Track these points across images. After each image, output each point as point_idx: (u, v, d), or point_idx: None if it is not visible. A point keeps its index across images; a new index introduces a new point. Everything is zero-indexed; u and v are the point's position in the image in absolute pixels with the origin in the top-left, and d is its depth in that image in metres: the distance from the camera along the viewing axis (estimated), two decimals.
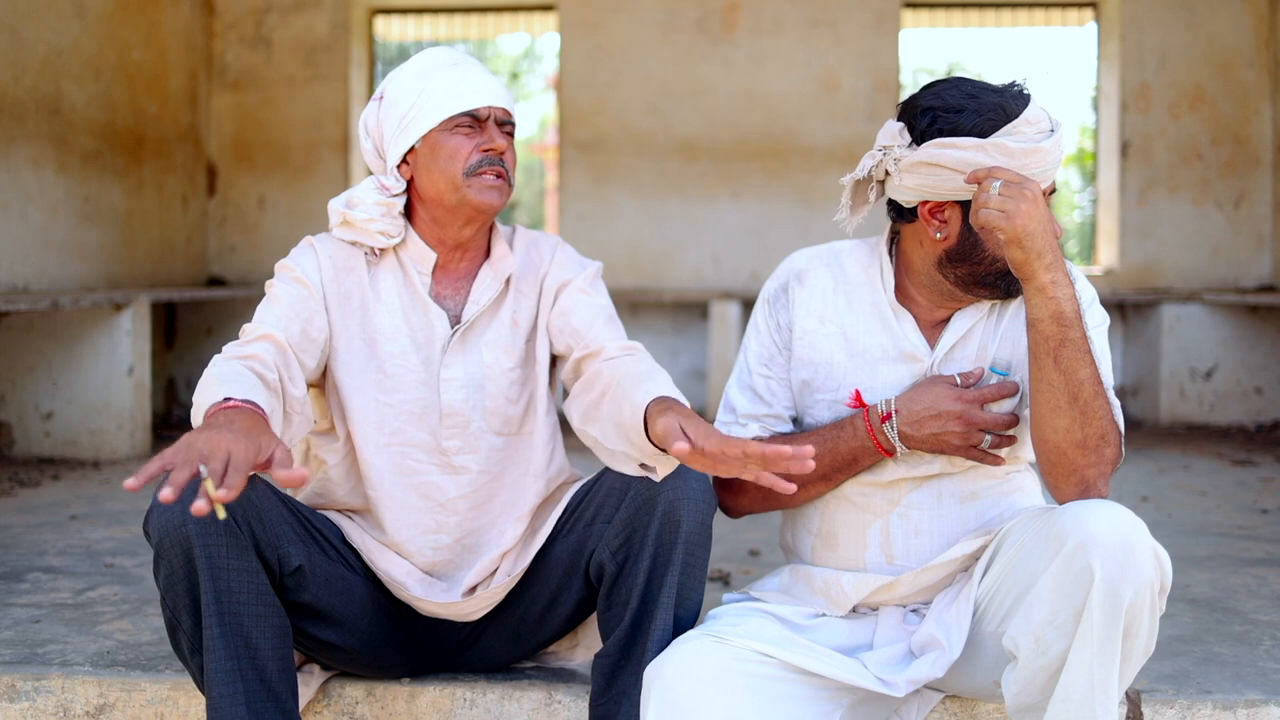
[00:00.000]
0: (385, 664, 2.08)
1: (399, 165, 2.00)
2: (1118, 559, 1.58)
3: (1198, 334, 6.44)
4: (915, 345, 1.91)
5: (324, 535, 1.96)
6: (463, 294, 2.05)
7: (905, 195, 1.86)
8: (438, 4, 7.37)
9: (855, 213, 1.97)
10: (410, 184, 2.02)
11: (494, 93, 1.99)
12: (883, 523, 1.92)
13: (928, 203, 1.85)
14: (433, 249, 2.03)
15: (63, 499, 4.11)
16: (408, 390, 2.01)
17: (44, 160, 5.35)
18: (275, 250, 6.48)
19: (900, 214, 1.91)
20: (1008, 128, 1.78)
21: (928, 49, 14.96)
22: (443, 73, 1.97)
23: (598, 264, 2.13)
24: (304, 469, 1.46)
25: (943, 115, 1.81)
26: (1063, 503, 1.77)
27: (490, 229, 2.10)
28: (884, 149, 1.87)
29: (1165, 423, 6.43)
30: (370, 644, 2.01)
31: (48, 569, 3.01)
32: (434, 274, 2.04)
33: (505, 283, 2.06)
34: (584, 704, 2.02)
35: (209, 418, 1.58)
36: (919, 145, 1.82)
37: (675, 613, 1.81)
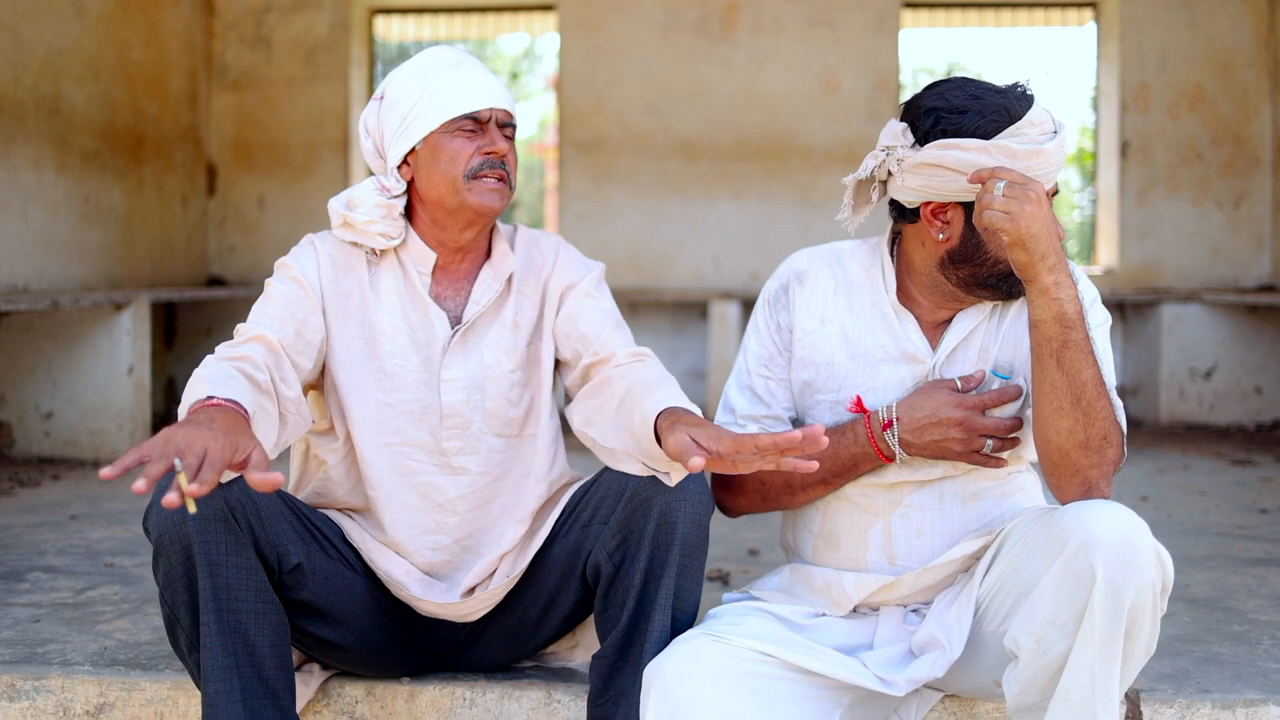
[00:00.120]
0: (384, 663, 2.08)
1: (399, 166, 2.00)
2: (1120, 559, 1.58)
3: (1197, 334, 6.44)
4: (917, 346, 1.91)
5: (323, 534, 1.96)
6: (463, 294, 2.05)
7: (908, 196, 1.85)
8: (438, 4, 7.37)
9: (857, 212, 1.96)
10: (411, 185, 2.01)
11: (495, 94, 1.98)
12: (884, 523, 1.92)
13: (930, 203, 1.84)
14: (433, 249, 2.03)
15: (63, 499, 4.11)
16: (408, 390, 2.00)
17: (44, 160, 5.35)
18: (275, 250, 6.48)
19: (902, 214, 1.90)
20: (1011, 129, 1.77)
21: (928, 49, 14.97)
22: (444, 73, 1.96)
23: (601, 266, 2.13)
24: (278, 474, 1.48)
25: (946, 116, 1.80)
26: (1065, 503, 1.76)
27: (491, 229, 2.09)
28: (887, 149, 1.87)
29: (1165, 423, 6.43)
30: (369, 643, 2.01)
31: (48, 569, 3.01)
32: (434, 274, 2.04)
33: (506, 283, 2.06)
34: (583, 703, 2.02)
35: (191, 414, 1.59)
36: (922, 146, 1.81)
37: (673, 614, 1.81)
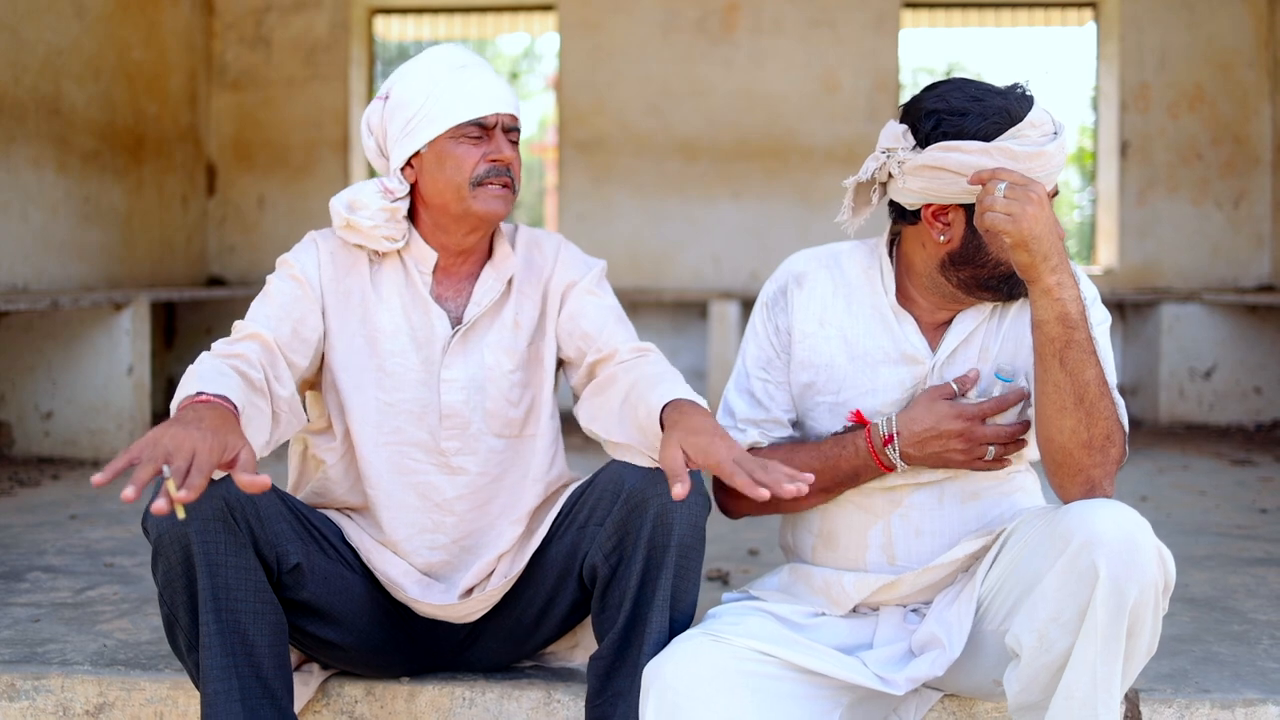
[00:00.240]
0: (383, 663, 2.08)
1: (403, 168, 1.99)
2: (1123, 558, 1.58)
3: (1197, 334, 6.44)
4: (916, 348, 1.91)
5: (323, 534, 1.96)
6: (464, 295, 2.05)
7: (909, 198, 1.85)
8: (437, 4, 7.37)
9: (857, 215, 1.96)
10: (414, 187, 2.00)
11: (502, 99, 1.96)
12: (884, 524, 1.92)
13: (931, 205, 1.83)
14: (435, 250, 2.02)
15: (62, 498, 4.11)
16: (407, 389, 2.00)
17: (44, 160, 5.35)
18: (275, 250, 6.44)
19: (902, 216, 1.89)
20: (1012, 131, 1.77)
21: (928, 49, 14.97)
22: (450, 76, 1.95)
23: (602, 263, 2.12)
24: (265, 476, 1.50)
25: (947, 118, 1.79)
26: (1068, 502, 1.76)
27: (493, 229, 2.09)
28: (887, 151, 1.86)
29: (1165, 422, 6.43)
30: (368, 643, 2.01)
31: (47, 568, 3.01)
32: (435, 274, 2.04)
33: (507, 284, 2.06)
34: (583, 703, 2.02)
35: (180, 410, 1.60)
36: (923, 148, 1.80)
37: (670, 614, 1.80)
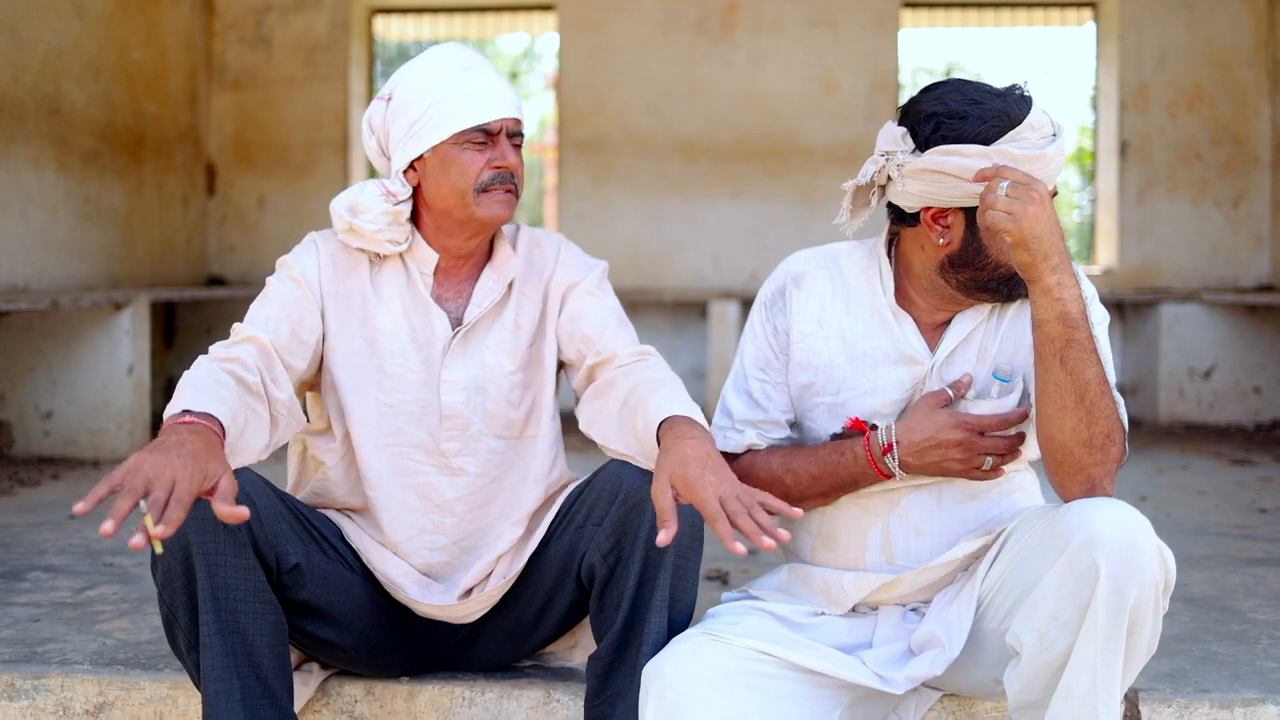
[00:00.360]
0: (383, 663, 2.08)
1: (405, 170, 1.98)
2: (1123, 557, 1.58)
3: (1196, 334, 6.44)
4: (916, 348, 1.91)
5: (322, 534, 1.97)
6: (465, 296, 2.04)
7: (908, 201, 1.85)
8: (437, 4, 7.37)
9: (856, 217, 1.95)
10: (416, 189, 2.00)
11: (506, 104, 1.95)
12: (883, 524, 1.92)
13: (930, 208, 1.83)
14: (436, 251, 2.02)
15: (62, 498, 4.11)
16: (407, 390, 2.00)
17: (44, 160, 5.36)
18: (275, 250, 6.45)
19: (901, 218, 1.89)
20: (1012, 134, 1.77)
21: (927, 49, 14.97)
22: (455, 80, 1.93)
23: (603, 264, 2.11)
24: (243, 508, 1.51)
25: (946, 122, 1.79)
26: (1068, 501, 1.76)
27: None
28: (886, 154, 1.85)
29: (1164, 422, 6.43)
30: (368, 643, 2.01)
31: (47, 568, 3.01)
32: (436, 275, 2.04)
33: (508, 285, 2.05)
34: (582, 703, 2.02)
35: (164, 431, 1.60)
36: (922, 152, 1.80)
37: (669, 614, 1.80)
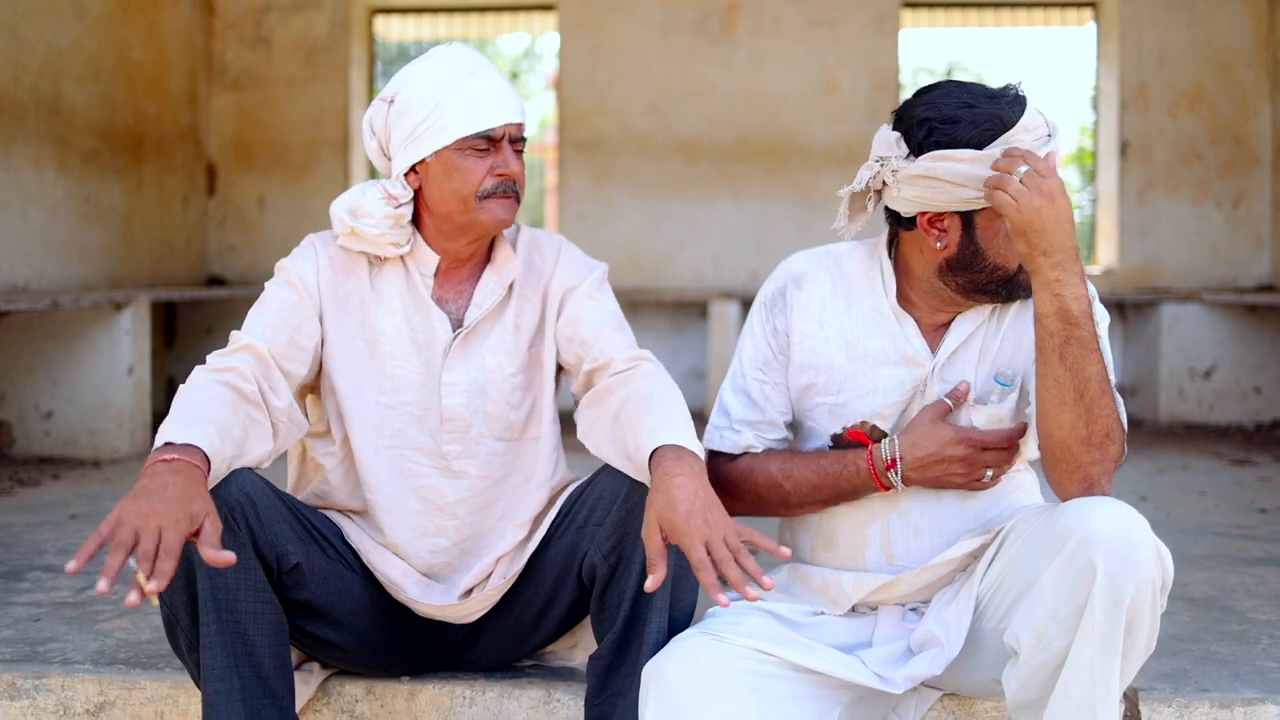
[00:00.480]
0: (383, 663, 2.08)
1: (406, 174, 1.97)
2: (1120, 555, 1.59)
3: (1197, 334, 6.44)
4: (917, 350, 1.91)
5: (322, 534, 1.97)
6: (465, 297, 2.04)
7: (904, 206, 1.84)
8: (438, 4, 7.37)
9: (854, 221, 1.95)
10: (417, 192, 1.99)
11: (508, 109, 1.94)
12: (883, 523, 1.92)
13: (926, 213, 1.83)
14: (436, 253, 2.02)
15: (63, 498, 4.11)
16: (408, 392, 2.00)
17: (44, 160, 5.36)
18: (275, 250, 6.48)
19: (899, 221, 1.89)
20: (1005, 137, 1.76)
21: (928, 49, 14.97)
22: (458, 85, 1.92)
23: (603, 266, 2.11)
24: (229, 553, 1.54)
25: (939, 127, 1.78)
26: (1065, 499, 1.76)
27: None
28: (881, 160, 1.85)
29: (1164, 422, 6.43)
30: (368, 643, 2.01)
31: (48, 568, 3.01)
32: (436, 276, 2.03)
33: (508, 287, 2.05)
34: (582, 702, 2.02)
35: (146, 471, 1.61)
36: (916, 157, 1.80)
37: (669, 614, 1.80)
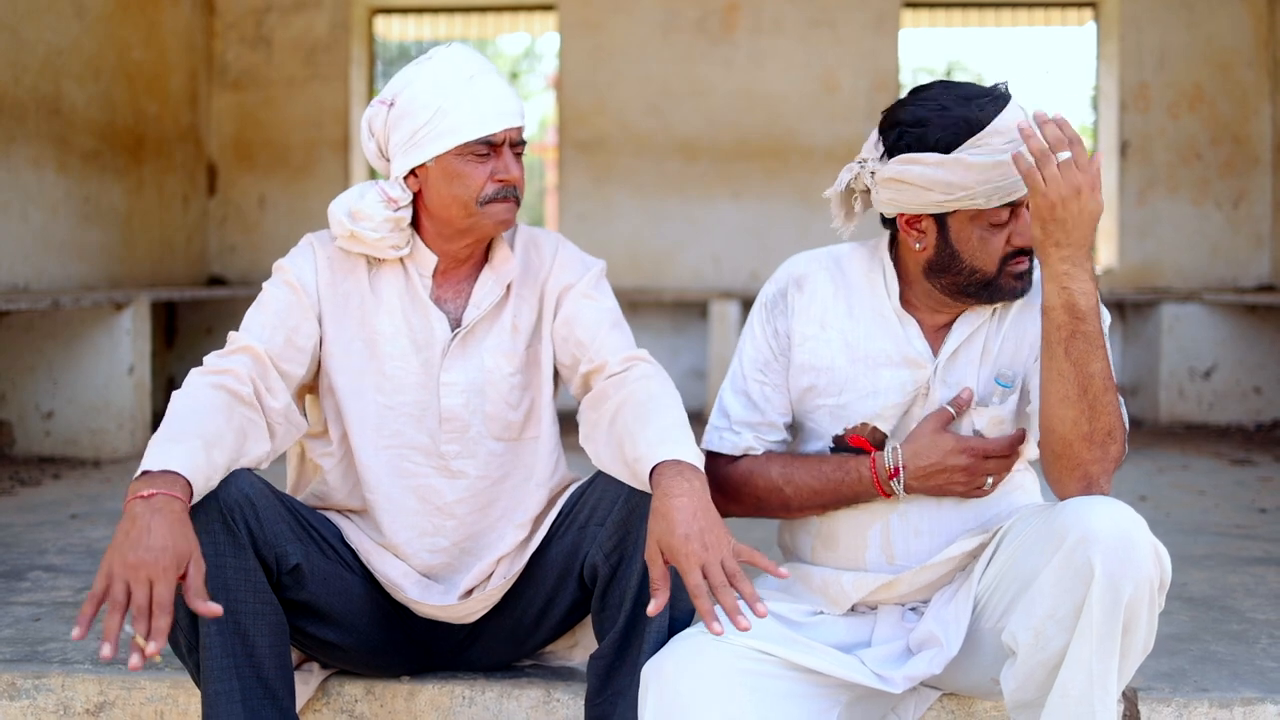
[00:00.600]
0: (383, 664, 2.08)
1: (405, 177, 1.97)
2: (1118, 554, 1.59)
3: (1197, 334, 6.44)
4: (919, 352, 1.91)
5: (322, 535, 1.96)
6: (463, 297, 2.04)
7: (883, 208, 1.86)
8: (438, 4, 7.37)
9: (849, 220, 1.97)
10: (417, 194, 1.98)
11: (509, 114, 1.94)
12: (883, 524, 1.92)
13: (904, 214, 1.84)
14: (435, 254, 2.02)
15: (63, 498, 4.12)
16: (407, 392, 2.00)
17: (44, 160, 5.36)
18: (275, 249, 6.44)
19: (884, 222, 1.91)
20: (971, 141, 1.75)
21: (928, 49, 14.98)
22: (459, 90, 1.91)
23: (601, 264, 2.10)
24: (216, 606, 1.56)
25: (909, 130, 1.79)
26: (1064, 498, 1.76)
27: None
28: (861, 161, 1.87)
29: (1164, 422, 6.43)
30: (368, 643, 2.01)
31: (48, 567, 3.01)
32: (434, 276, 2.03)
33: (506, 287, 2.05)
34: (582, 702, 2.02)
35: (126, 509, 1.60)
36: (889, 159, 1.81)
37: (670, 614, 1.80)
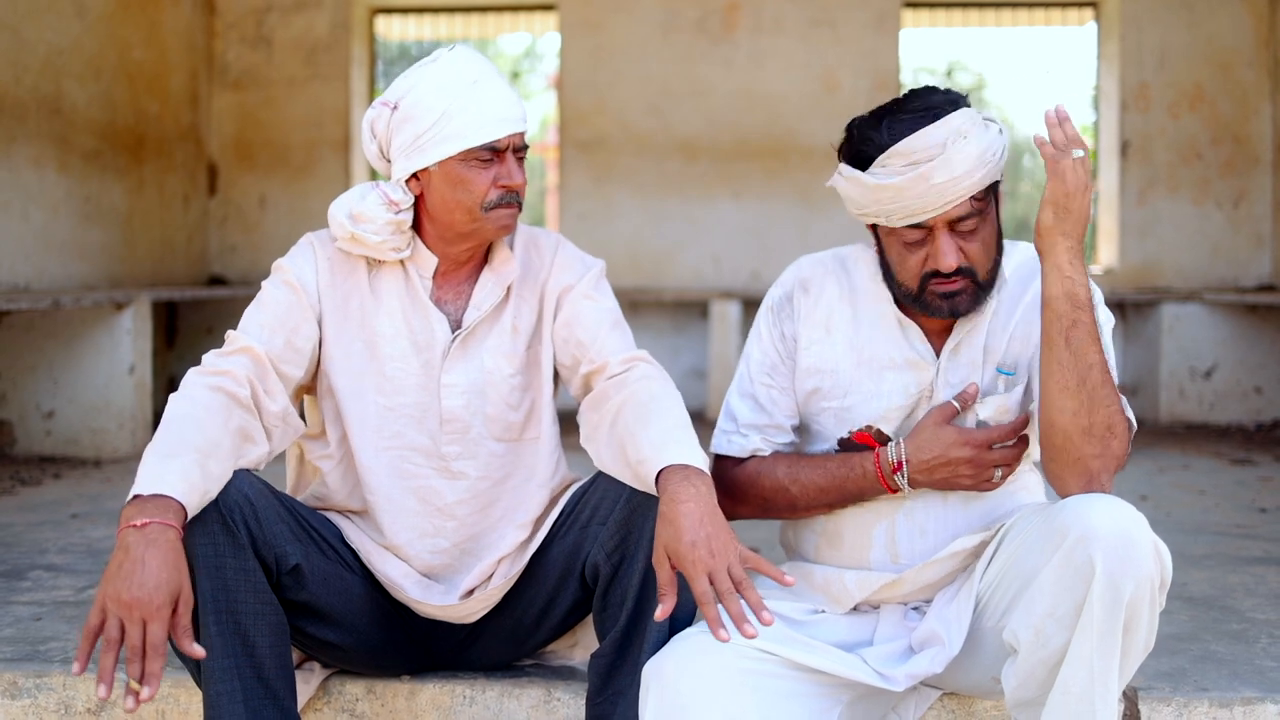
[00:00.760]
0: (384, 664, 2.08)
1: (407, 180, 1.96)
2: (1119, 553, 1.59)
3: (1197, 333, 6.44)
4: (921, 354, 1.92)
5: (322, 535, 1.97)
6: (463, 298, 2.04)
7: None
8: (438, 3, 7.37)
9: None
10: (419, 197, 1.98)
11: (513, 119, 1.93)
12: (888, 523, 1.92)
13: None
14: (435, 256, 2.02)
15: (64, 497, 4.12)
16: (407, 394, 2.00)
17: (45, 160, 5.36)
18: (276, 249, 6.44)
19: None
20: (877, 160, 1.80)
21: (928, 49, 14.98)
22: (463, 94, 1.90)
23: (600, 264, 2.10)
24: (200, 648, 1.59)
25: (846, 143, 1.88)
26: (1065, 495, 1.76)
27: None
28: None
29: (1165, 422, 6.43)
30: (368, 644, 2.01)
31: (49, 567, 3.01)
32: (435, 278, 2.03)
33: (506, 288, 2.04)
34: (583, 701, 2.02)
35: (120, 538, 1.59)
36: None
37: (671, 613, 1.80)
